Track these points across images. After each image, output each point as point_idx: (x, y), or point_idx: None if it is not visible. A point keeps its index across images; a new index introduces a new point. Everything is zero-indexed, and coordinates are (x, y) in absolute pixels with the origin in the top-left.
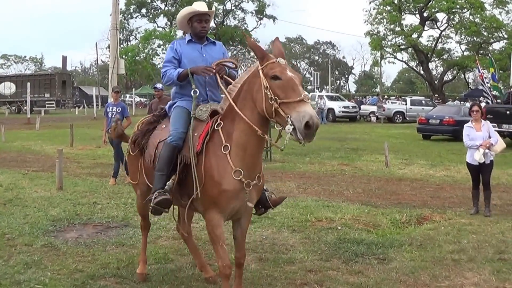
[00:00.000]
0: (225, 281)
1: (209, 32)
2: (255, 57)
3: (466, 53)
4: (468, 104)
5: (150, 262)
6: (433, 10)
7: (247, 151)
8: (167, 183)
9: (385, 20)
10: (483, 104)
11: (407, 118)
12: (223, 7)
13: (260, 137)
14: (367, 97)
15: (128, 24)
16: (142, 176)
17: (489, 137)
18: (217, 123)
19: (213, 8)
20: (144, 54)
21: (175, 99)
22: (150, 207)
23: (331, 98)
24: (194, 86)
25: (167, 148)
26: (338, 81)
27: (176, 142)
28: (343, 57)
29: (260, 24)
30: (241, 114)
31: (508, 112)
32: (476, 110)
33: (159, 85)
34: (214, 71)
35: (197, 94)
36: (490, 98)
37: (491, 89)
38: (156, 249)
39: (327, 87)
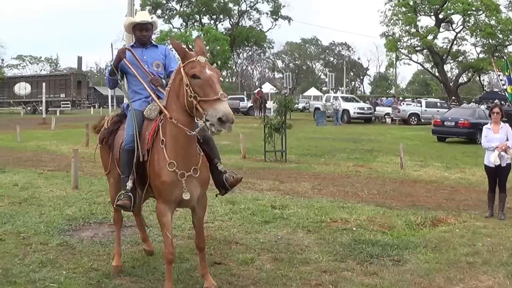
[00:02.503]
0: (168, 265)
1: (150, 38)
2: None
3: (481, 56)
4: (483, 107)
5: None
6: (448, 11)
7: (178, 144)
8: (127, 183)
9: (400, 21)
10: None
11: (422, 120)
12: (238, 8)
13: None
14: (382, 98)
15: None
16: (114, 167)
17: (507, 139)
18: (161, 120)
19: (154, 19)
20: None
21: (131, 99)
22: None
23: (346, 99)
24: (119, 76)
25: (124, 153)
26: (353, 82)
27: (130, 145)
28: (358, 58)
29: (275, 25)
30: (164, 110)
31: None
32: (497, 112)
33: None
34: (126, 49)
35: (122, 83)
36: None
37: (503, 92)
38: None
39: (342, 88)
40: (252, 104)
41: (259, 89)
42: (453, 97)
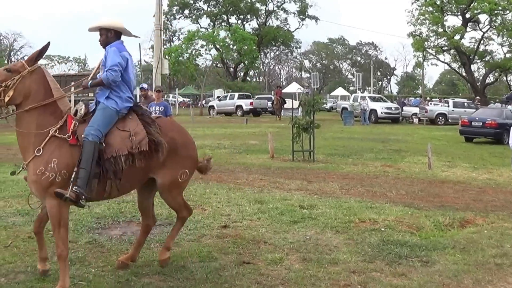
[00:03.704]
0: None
1: (103, 43)
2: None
3: (508, 55)
4: (510, 107)
5: (194, 260)
6: (475, 11)
7: None
8: None
9: (427, 21)
10: None
11: (449, 120)
12: (265, 8)
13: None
14: (410, 98)
15: (171, 25)
16: None
17: None
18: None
19: (104, 23)
20: (188, 55)
21: None
22: None
23: (374, 99)
24: None
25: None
26: (380, 82)
27: None
28: (385, 58)
29: (303, 24)
30: None
31: None
32: None
33: (144, 85)
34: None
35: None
36: None
37: None
38: (200, 248)
39: (369, 88)
40: (272, 106)
41: (278, 87)
42: (478, 97)
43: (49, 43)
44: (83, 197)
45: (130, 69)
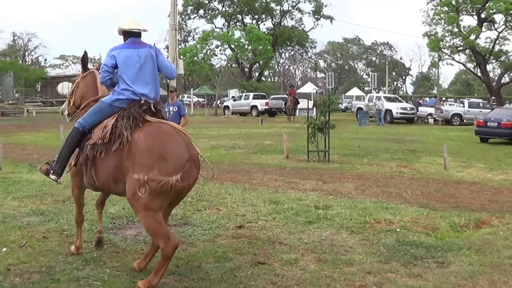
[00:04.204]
0: None
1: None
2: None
3: None
4: None
5: (209, 260)
6: (490, 11)
7: None
8: None
9: (442, 21)
10: None
11: (464, 120)
12: (280, 8)
13: None
14: (425, 98)
15: (186, 25)
16: None
17: None
18: None
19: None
20: (202, 55)
21: None
22: None
23: (389, 99)
24: None
25: None
26: (395, 82)
27: None
28: (401, 58)
29: (317, 24)
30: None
31: None
32: None
33: None
34: None
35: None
36: None
37: None
38: (215, 248)
39: (384, 88)
40: (284, 106)
41: (291, 87)
42: (493, 97)
43: (85, 52)
44: (52, 172)
45: (129, 63)
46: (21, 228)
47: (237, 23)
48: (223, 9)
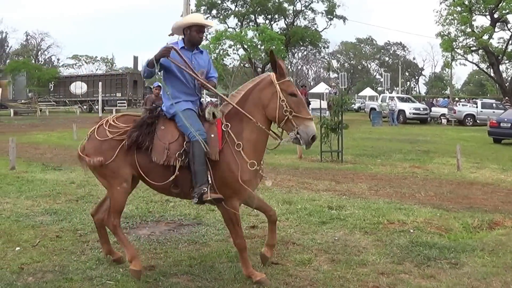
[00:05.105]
0: (243, 253)
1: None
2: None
3: None
4: None
5: (222, 260)
6: (503, 11)
7: (258, 147)
8: (207, 174)
9: (455, 21)
10: None
11: (477, 121)
12: (293, 8)
13: (266, 134)
14: (438, 99)
15: None
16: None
17: None
18: (224, 125)
19: (213, 24)
20: (215, 55)
21: (175, 99)
22: (198, 200)
23: (402, 100)
24: (157, 70)
25: (197, 145)
26: (408, 83)
27: (204, 137)
28: (414, 58)
29: (330, 24)
30: (250, 117)
31: None
32: None
33: (156, 83)
34: (172, 49)
35: (159, 75)
36: None
37: None
38: (229, 248)
39: (397, 88)
40: None
41: (303, 87)
42: (506, 98)
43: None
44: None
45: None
46: (34, 227)
47: (250, 23)
48: (236, 9)
